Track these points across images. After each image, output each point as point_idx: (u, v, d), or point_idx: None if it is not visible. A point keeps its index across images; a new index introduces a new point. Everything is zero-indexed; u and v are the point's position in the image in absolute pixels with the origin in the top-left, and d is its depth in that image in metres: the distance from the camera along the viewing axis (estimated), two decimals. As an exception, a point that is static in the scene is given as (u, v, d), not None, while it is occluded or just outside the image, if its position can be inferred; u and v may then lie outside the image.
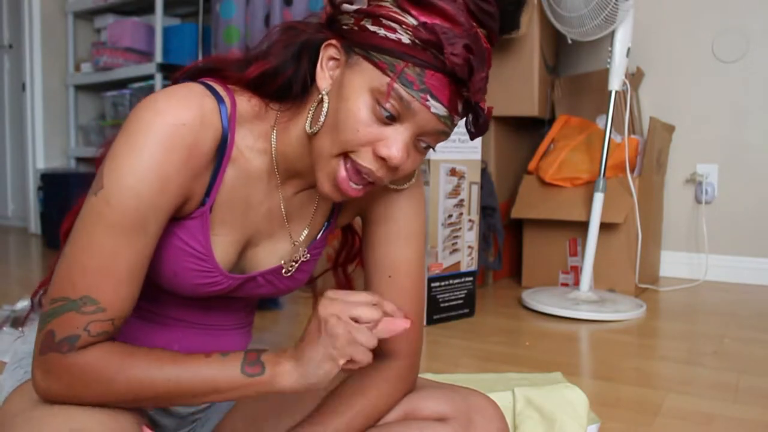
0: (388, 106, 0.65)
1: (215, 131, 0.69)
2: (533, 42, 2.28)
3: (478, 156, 1.96)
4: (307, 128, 0.70)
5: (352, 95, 0.66)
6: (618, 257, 2.22)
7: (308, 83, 0.71)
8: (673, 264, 2.61)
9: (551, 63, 2.48)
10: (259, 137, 0.73)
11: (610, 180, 2.15)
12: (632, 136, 2.28)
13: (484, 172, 2.10)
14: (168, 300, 0.78)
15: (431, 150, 0.72)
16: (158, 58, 3.27)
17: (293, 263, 0.80)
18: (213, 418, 0.87)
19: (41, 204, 3.45)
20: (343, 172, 0.68)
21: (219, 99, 0.70)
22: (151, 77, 3.26)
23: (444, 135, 0.70)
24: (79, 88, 3.78)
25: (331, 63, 0.69)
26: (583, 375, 1.50)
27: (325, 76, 0.69)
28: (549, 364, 1.52)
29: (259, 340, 1.53)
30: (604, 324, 1.92)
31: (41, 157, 3.82)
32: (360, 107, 0.66)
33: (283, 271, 0.79)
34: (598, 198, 2.08)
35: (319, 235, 0.83)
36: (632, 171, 2.21)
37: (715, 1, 2.53)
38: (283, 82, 0.71)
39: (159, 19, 3.26)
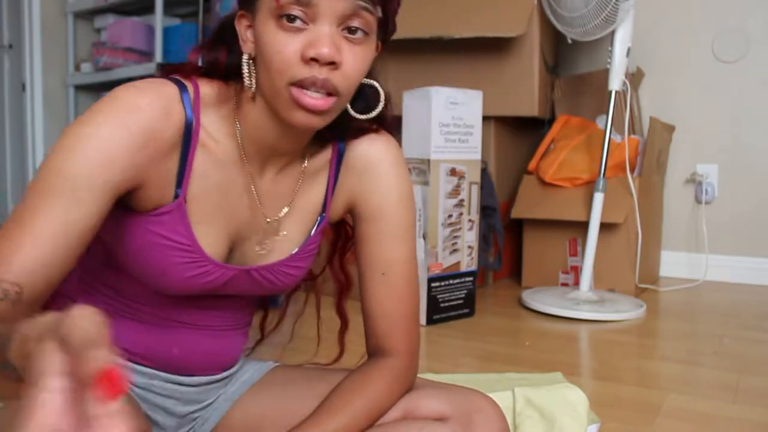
0: (287, 11, 0.65)
1: (178, 118, 0.69)
2: (533, 42, 2.28)
3: (478, 156, 1.96)
4: (247, 86, 0.71)
5: (263, 33, 0.68)
6: (618, 257, 2.22)
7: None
8: (673, 264, 2.61)
9: (551, 63, 2.47)
10: (225, 120, 0.74)
11: (610, 180, 2.14)
12: (632, 136, 2.27)
13: (484, 172, 2.10)
14: (166, 302, 0.78)
15: (366, 35, 0.69)
16: (158, 58, 3.27)
17: (266, 243, 0.79)
18: (213, 417, 0.86)
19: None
20: (296, 91, 0.67)
21: (181, 86, 0.71)
22: (150, 77, 3.26)
23: (366, 11, 0.68)
24: (79, 88, 3.78)
25: (249, 32, 0.71)
26: (583, 375, 1.50)
27: (246, 43, 0.71)
28: (549, 364, 1.52)
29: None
30: (604, 324, 1.92)
31: (41, 157, 3.82)
32: (270, 33, 0.67)
33: (257, 248, 0.78)
34: (598, 198, 2.08)
35: (314, 231, 0.82)
36: (632, 171, 2.21)
37: (715, 1, 2.53)
38: (222, 65, 0.73)
39: (159, 19, 3.26)
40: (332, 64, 0.67)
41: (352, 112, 0.76)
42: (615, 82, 2.05)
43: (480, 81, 2.26)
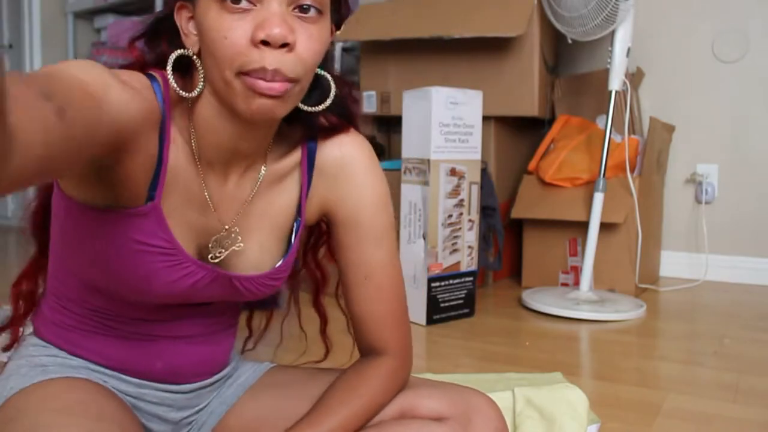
0: None
1: (155, 107, 0.66)
2: (533, 42, 2.28)
3: (478, 156, 1.96)
4: (200, 88, 0.67)
5: (205, 19, 0.63)
6: (618, 257, 2.22)
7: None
8: (673, 264, 2.61)
9: (551, 63, 2.47)
10: (183, 118, 0.70)
11: (610, 180, 2.14)
12: (632, 136, 2.27)
13: (484, 172, 2.10)
14: (146, 317, 0.76)
15: (320, 14, 0.65)
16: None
17: (222, 250, 0.75)
18: (209, 421, 0.86)
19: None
20: (249, 79, 0.62)
21: (150, 76, 0.67)
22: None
23: None
24: (79, 88, 3.78)
25: (191, 24, 0.67)
26: (583, 375, 1.50)
27: (189, 37, 0.67)
28: (549, 364, 1.52)
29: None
30: (604, 324, 1.92)
31: (41, 157, 3.82)
32: (214, 18, 0.62)
33: (210, 256, 0.74)
34: (598, 198, 2.08)
35: (293, 239, 0.79)
36: (632, 171, 2.21)
37: (715, 2, 2.53)
38: (166, 60, 0.68)
39: (159, 19, 3.26)
40: (285, 46, 0.62)
41: (302, 107, 0.72)
42: (615, 82, 2.05)
43: (480, 81, 2.26)
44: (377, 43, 2.44)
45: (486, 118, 2.17)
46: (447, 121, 1.86)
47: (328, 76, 0.74)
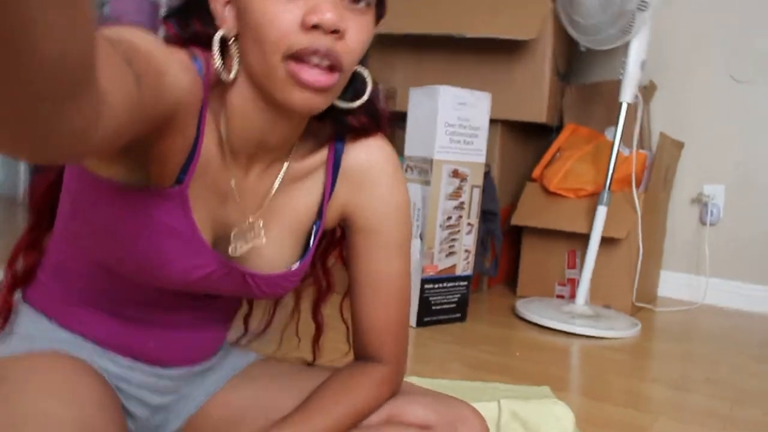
0: None
1: (200, 87, 0.63)
2: (546, 47, 2.24)
3: (482, 159, 1.91)
4: (219, 69, 0.64)
5: (250, 3, 0.61)
6: (616, 273, 2.18)
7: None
8: (672, 284, 2.57)
9: (563, 70, 2.44)
10: (217, 104, 0.68)
11: (614, 194, 2.10)
12: (640, 151, 2.23)
13: (487, 175, 2.06)
14: (149, 302, 0.74)
15: (369, 6, 0.65)
16: (162, 33, 3.23)
17: (243, 243, 0.73)
18: (187, 408, 0.83)
19: (30, 173, 3.41)
20: (294, 66, 0.61)
21: (191, 55, 0.64)
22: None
23: None
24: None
25: (227, 9, 0.65)
26: (572, 391, 1.46)
27: (226, 22, 0.65)
28: (538, 377, 1.48)
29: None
30: (598, 340, 1.88)
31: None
32: (261, 2, 0.60)
33: (230, 248, 0.72)
34: (601, 211, 2.03)
35: (312, 242, 0.78)
36: (638, 186, 2.16)
37: (731, 20, 2.49)
38: (205, 35, 0.65)
39: (170, -3, 3.23)
40: (336, 33, 0.61)
41: (338, 103, 0.71)
42: (627, 94, 2.01)
43: (489, 83, 2.21)
44: (384, 37, 2.40)
45: (493, 121, 2.13)
46: (453, 121, 1.82)
47: (365, 71, 0.72)
